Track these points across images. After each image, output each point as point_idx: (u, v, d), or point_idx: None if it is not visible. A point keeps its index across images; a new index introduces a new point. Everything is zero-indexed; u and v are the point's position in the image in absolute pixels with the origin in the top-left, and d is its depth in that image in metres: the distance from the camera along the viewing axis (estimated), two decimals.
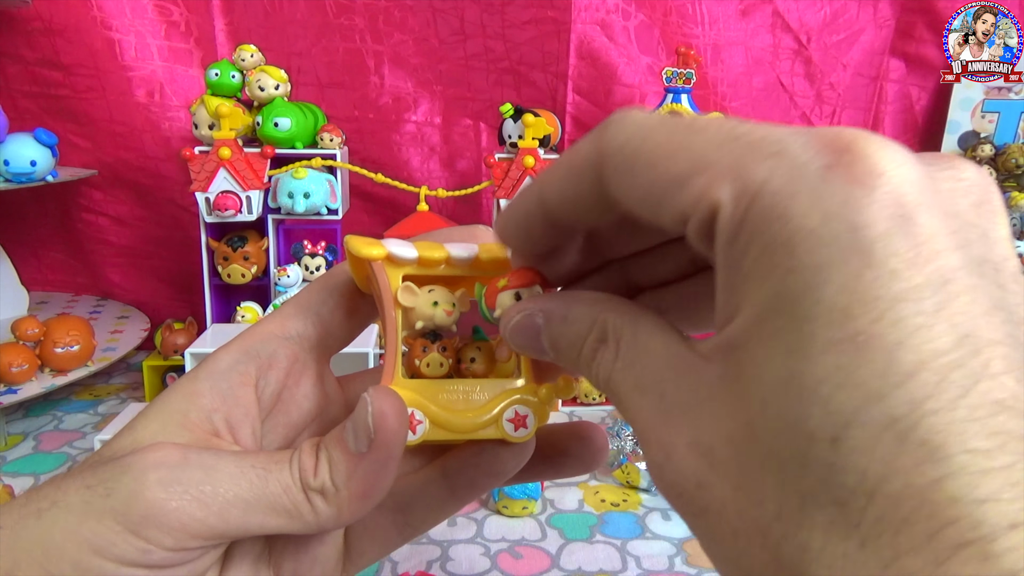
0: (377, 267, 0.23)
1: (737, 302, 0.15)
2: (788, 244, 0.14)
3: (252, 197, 0.73)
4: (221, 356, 0.24)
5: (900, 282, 0.13)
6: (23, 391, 0.67)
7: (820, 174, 0.14)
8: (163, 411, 0.23)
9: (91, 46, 0.87)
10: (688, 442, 0.16)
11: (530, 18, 0.88)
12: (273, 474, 0.22)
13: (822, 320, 0.13)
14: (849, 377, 0.13)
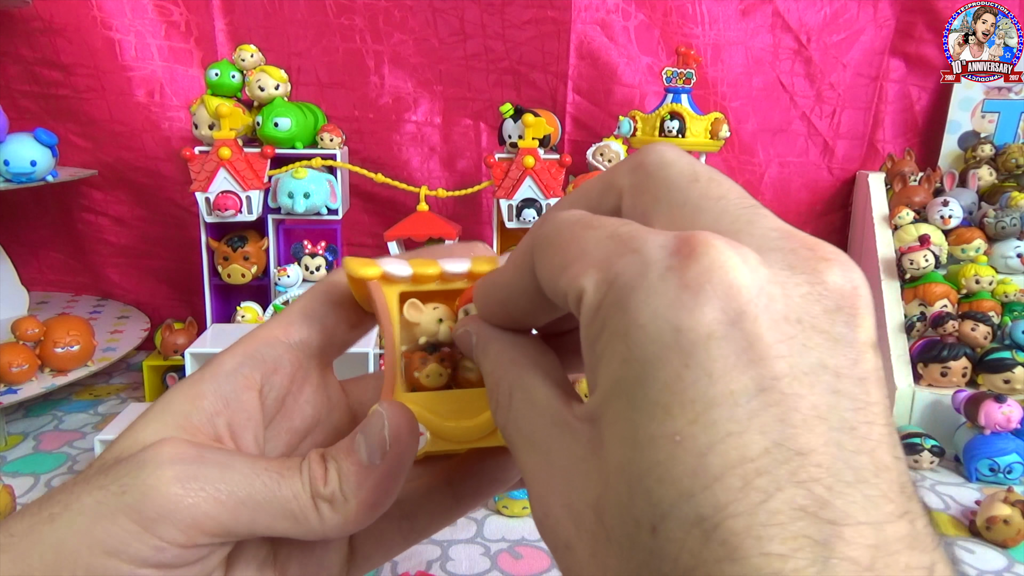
0: (373, 286, 0.24)
1: (593, 379, 0.16)
2: (625, 335, 0.15)
3: (252, 197, 0.73)
4: (225, 359, 0.24)
5: (717, 386, 0.14)
6: (23, 391, 0.67)
7: (661, 273, 0.15)
8: (165, 413, 0.23)
9: (91, 46, 0.87)
10: (563, 503, 0.16)
11: (530, 18, 0.88)
12: (286, 479, 0.22)
13: (647, 414, 0.14)
14: (667, 472, 0.14)
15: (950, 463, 0.69)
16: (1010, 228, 0.81)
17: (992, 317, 0.75)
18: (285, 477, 0.22)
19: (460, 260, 0.25)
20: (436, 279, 0.25)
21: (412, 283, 0.25)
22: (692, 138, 0.76)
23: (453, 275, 0.25)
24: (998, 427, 0.65)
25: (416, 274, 0.24)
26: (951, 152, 0.96)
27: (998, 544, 0.56)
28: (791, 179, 0.96)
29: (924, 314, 0.78)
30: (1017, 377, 0.70)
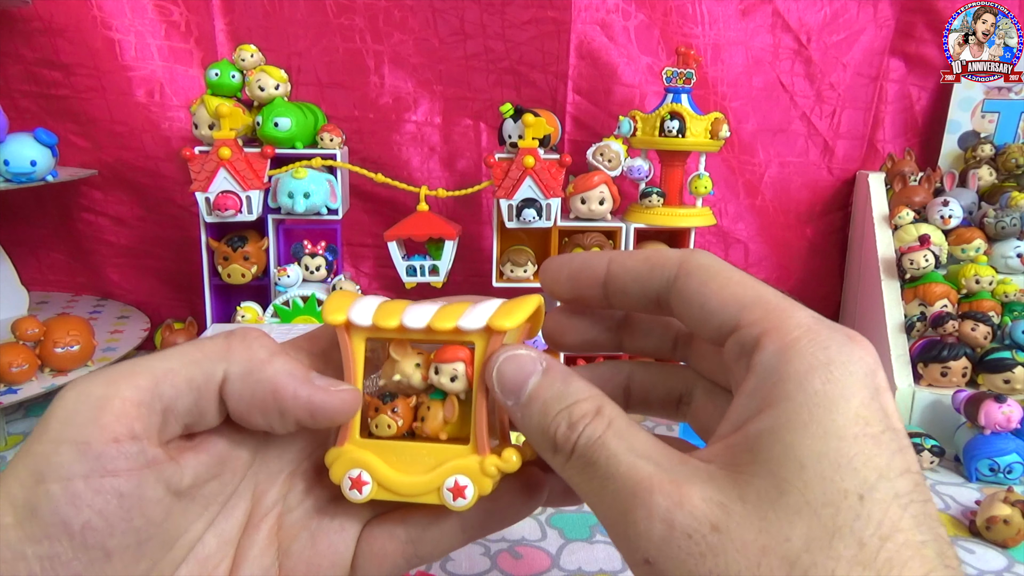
0: (339, 331, 0.26)
1: (765, 403, 0.20)
2: (825, 370, 0.20)
3: (252, 197, 0.73)
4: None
5: (893, 413, 0.20)
6: (23, 391, 0.67)
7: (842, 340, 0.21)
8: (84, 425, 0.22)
9: (91, 46, 0.87)
10: (703, 497, 0.20)
11: (530, 18, 0.88)
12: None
13: (850, 420, 0.19)
14: (870, 459, 0.19)
15: (950, 463, 0.69)
16: (1010, 228, 0.81)
17: (992, 317, 0.75)
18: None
19: (424, 313, 0.25)
20: (395, 330, 0.25)
21: (371, 332, 0.26)
22: (692, 138, 0.76)
23: (412, 329, 0.25)
24: (998, 427, 0.65)
25: (375, 324, 0.25)
26: (951, 152, 0.96)
27: (998, 544, 0.56)
28: (791, 179, 0.96)
29: (924, 314, 0.78)
30: (1017, 377, 0.70)
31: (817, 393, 0.19)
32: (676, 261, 0.24)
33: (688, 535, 0.19)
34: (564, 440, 0.22)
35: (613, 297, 0.26)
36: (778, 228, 0.97)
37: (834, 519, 0.18)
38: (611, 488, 0.21)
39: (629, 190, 0.82)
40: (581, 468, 0.22)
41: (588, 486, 0.22)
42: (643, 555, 0.20)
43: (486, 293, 0.92)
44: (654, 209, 0.77)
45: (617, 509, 0.21)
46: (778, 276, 0.99)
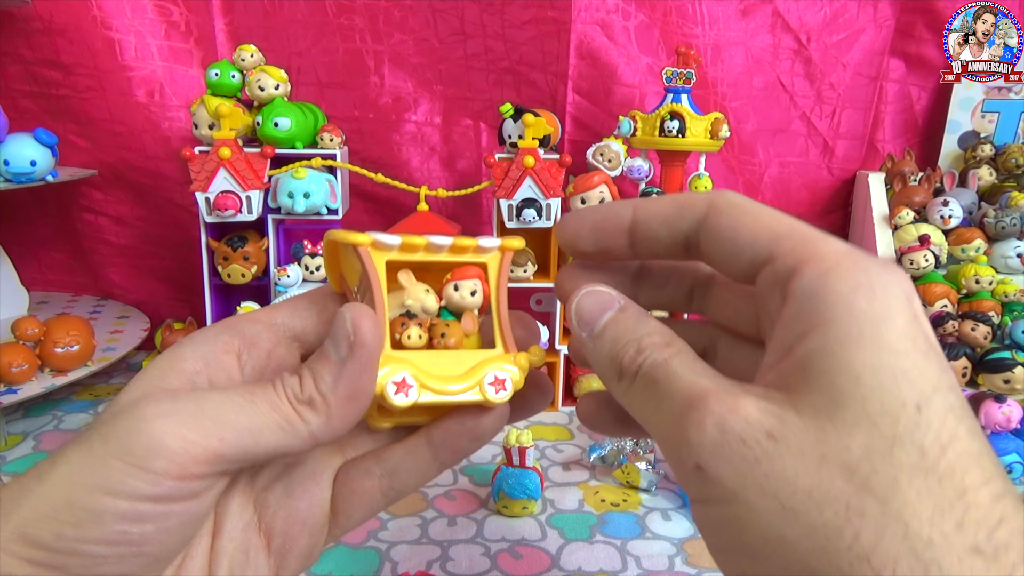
0: (363, 252, 0.26)
1: (810, 325, 0.20)
2: (868, 290, 0.20)
3: (252, 197, 0.73)
4: (205, 330, 0.26)
5: (932, 335, 0.20)
6: (23, 391, 0.67)
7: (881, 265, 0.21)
8: (145, 377, 0.24)
9: (91, 46, 0.87)
10: (757, 407, 0.20)
11: (530, 18, 0.88)
12: (259, 395, 0.23)
13: (899, 336, 0.19)
14: (923, 372, 0.19)
15: None
16: (1010, 228, 0.81)
17: (992, 317, 0.75)
18: (257, 394, 0.23)
19: (444, 236, 0.28)
20: (423, 248, 0.27)
21: (400, 251, 0.27)
22: (692, 138, 0.76)
23: (438, 246, 0.28)
24: (998, 427, 0.65)
25: (404, 243, 0.27)
26: (951, 152, 0.96)
27: None
28: (791, 179, 0.96)
29: None
30: (1017, 377, 0.70)
31: (864, 311, 0.19)
32: (706, 200, 0.24)
33: (742, 440, 0.19)
34: (630, 363, 0.23)
35: (640, 244, 0.26)
36: None
37: (893, 428, 0.18)
38: (668, 403, 0.21)
39: (629, 190, 0.82)
40: (643, 387, 0.23)
41: (647, 403, 0.23)
42: (695, 461, 0.20)
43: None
44: None
45: (672, 420, 0.21)
46: None
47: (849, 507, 0.18)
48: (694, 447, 0.20)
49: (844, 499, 0.18)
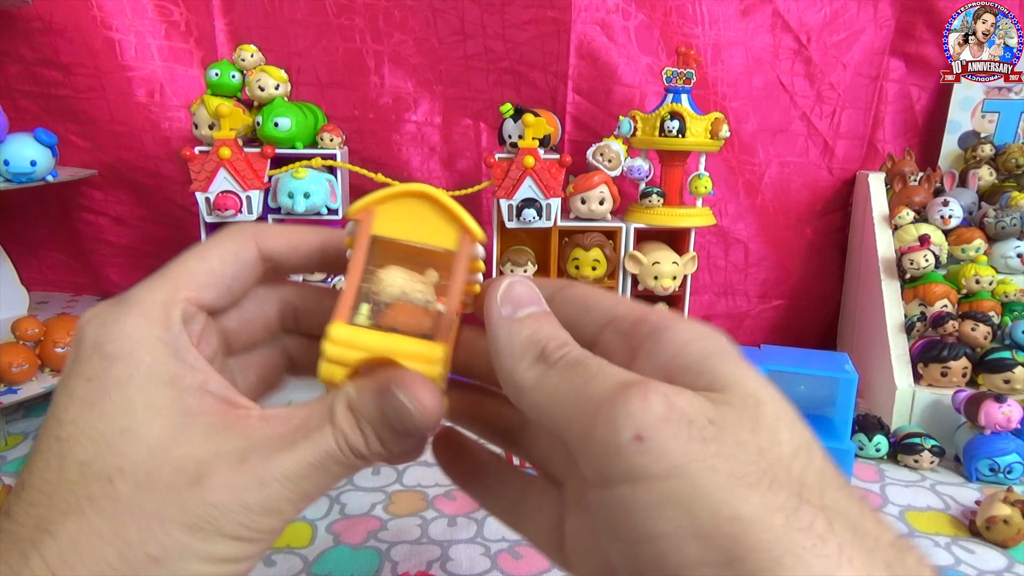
0: (361, 224, 0.27)
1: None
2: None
3: (252, 197, 0.73)
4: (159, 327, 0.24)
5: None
6: (23, 391, 0.67)
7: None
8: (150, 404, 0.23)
9: (91, 46, 0.87)
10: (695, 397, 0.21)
11: (530, 18, 0.88)
12: (314, 442, 0.23)
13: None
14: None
15: (950, 463, 0.69)
16: (1010, 228, 0.81)
17: (992, 317, 0.75)
18: (314, 441, 0.23)
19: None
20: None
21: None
22: (692, 138, 0.76)
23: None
24: (998, 427, 0.65)
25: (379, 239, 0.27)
26: (951, 152, 0.96)
27: (998, 544, 0.56)
28: (791, 179, 0.96)
29: (924, 314, 0.78)
30: (1017, 377, 0.70)
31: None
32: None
33: (689, 420, 0.19)
34: (555, 350, 0.23)
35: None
36: (778, 228, 0.97)
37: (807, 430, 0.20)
38: (600, 382, 0.21)
39: (629, 190, 0.82)
40: (567, 369, 0.22)
41: (570, 384, 0.22)
42: (635, 431, 0.19)
43: None
44: (654, 209, 0.77)
45: (604, 396, 0.20)
46: (778, 276, 0.99)
47: (800, 496, 0.18)
48: (635, 417, 0.19)
49: (793, 488, 0.18)
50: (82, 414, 0.22)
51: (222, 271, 0.26)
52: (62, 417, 0.22)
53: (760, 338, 1.01)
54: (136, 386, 0.22)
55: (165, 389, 0.23)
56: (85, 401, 0.22)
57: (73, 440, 0.22)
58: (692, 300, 0.88)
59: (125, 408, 0.22)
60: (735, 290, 1.00)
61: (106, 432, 0.22)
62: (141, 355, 0.23)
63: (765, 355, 0.58)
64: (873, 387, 0.81)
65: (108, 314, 0.24)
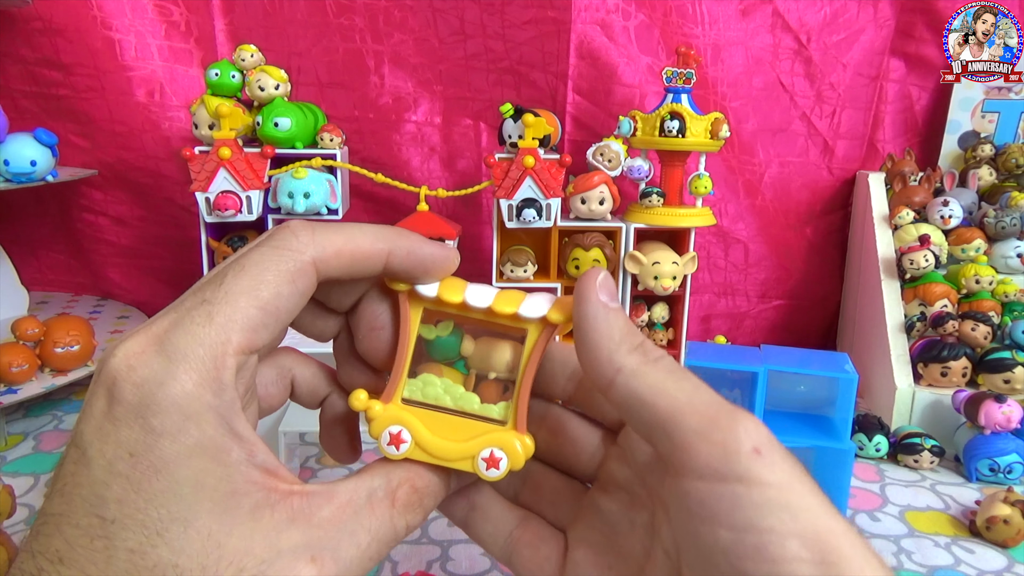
0: (401, 298, 0.27)
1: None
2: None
3: (252, 197, 0.73)
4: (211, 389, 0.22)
5: None
6: (23, 391, 0.67)
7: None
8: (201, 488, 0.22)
9: (91, 46, 0.87)
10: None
11: (530, 18, 0.88)
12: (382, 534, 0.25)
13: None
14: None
15: (950, 463, 0.69)
16: (1010, 228, 0.81)
17: (992, 317, 0.75)
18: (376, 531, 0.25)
19: (486, 294, 0.28)
20: (458, 306, 0.27)
21: (435, 304, 0.28)
22: (692, 138, 0.76)
23: (473, 307, 0.27)
24: (998, 427, 0.65)
25: (441, 297, 0.27)
26: (951, 152, 0.96)
27: (998, 544, 0.56)
28: (791, 179, 0.96)
29: (924, 314, 0.78)
30: (1017, 377, 0.70)
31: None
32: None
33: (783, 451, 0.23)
34: (653, 348, 0.25)
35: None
36: (778, 228, 0.97)
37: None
38: (707, 393, 0.24)
39: (629, 190, 0.82)
40: (669, 371, 0.24)
41: (674, 385, 0.24)
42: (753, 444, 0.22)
43: None
44: (654, 209, 0.77)
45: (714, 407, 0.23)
46: (778, 276, 0.99)
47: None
48: (752, 434, 0.22)
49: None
50: (127, 496, 0.21)
51: (276, 306, 0.24)
52: (104, 494, 0.21)
53: (760, 338, 1.01)
54: (184, 464, 0.21)
55: (213, 466, 0.21)
56: (130, 481, 0.21)
57: (119, 524, 0.21)
58: (692, 300, 0.88)
59: (173, 492, 0.21)
60: (735, 290, 1.00)
61: (155, 519, 0.21)
62: (190, 429, 0.21)
63: (765, 355, 0.58)
64: (873, 387, 0.81)
65: (148, 368, 0.21)
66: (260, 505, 0.22)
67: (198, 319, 0.22)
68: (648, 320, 0.82)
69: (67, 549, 0.21)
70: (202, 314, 0.22)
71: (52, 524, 0.21)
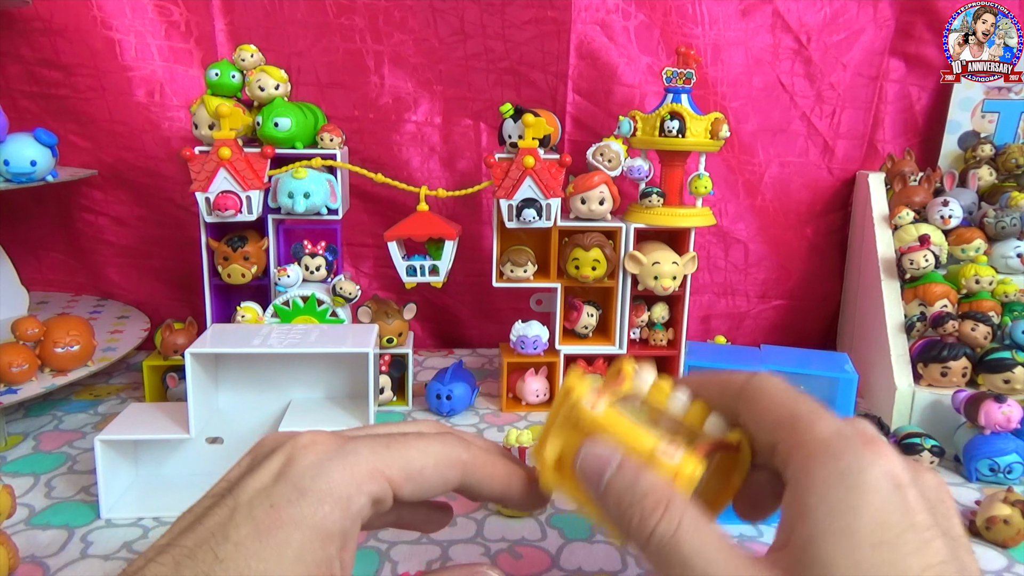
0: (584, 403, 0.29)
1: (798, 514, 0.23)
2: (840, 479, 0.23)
3: (252, 197, 0.73)
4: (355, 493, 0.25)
5: (915, 506, 0.23)
6: (23, 391, 0.67)
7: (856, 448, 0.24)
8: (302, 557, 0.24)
9: (91, 46, 0.87)
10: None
11: (530, 18, 0.88)
12: None
13: (871, 526, 0.22)
14: (893, 565, 0.21)
15: (950, 463, 0.69)
16: (1010, 228, 0.81)
17: (992, 317, 0.75)
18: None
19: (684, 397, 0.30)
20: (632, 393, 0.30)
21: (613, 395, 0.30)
22: (692, 138, 0.76)
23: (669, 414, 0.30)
24: (998, 427, 0.65)
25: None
26: (951, 152, 0.96)
27: (998, 544, 0.56)
28: (791, 179, 0.96)
29: (924, 314, 0.78)
30: (1017, 377, 0.70)
31: (839, 502, 0.22)
32: (740, 385, 0.29)
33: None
34: (639, 531, 0.25)
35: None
36: (778, 228, 0.97)
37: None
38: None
39: (629, 190, 0.82)
40: (657, 558, 0.25)
41: (665, 569, 0.25)
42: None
43: (486, 293, 0.92)
44: (654, 209, 0.77)
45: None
46: (778, 276, 0.99)
47: None
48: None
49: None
50: (245, 542, 0.23)
51: (431, 476, 0.27)
52: (231, 534, 0.23)
53: (760, 338, 1.01)
54: (298, 531, 0.24)
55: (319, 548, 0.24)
56: (259, 529, 0.23)
57: (229, 562, 0.23)
58: (692, 300, 0.88)
59: (280, 551, 0.23)
60: (735, 290, 1.00)
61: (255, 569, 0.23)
62: (326, 509, 0.24)
63: (765, 355, 0.58)
64: (873, 387, 0.81)
65: (326, 450, 0.25)
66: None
67: (377, 442, 0.26)
68: (648, 320, 0.82)
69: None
70: (380, 440, 0.27)
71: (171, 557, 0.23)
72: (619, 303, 0.79)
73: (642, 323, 0.81)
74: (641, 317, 0.81)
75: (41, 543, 0.53)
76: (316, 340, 0.60)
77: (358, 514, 0.25)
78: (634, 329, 0.81)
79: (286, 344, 0.58)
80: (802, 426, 0.25)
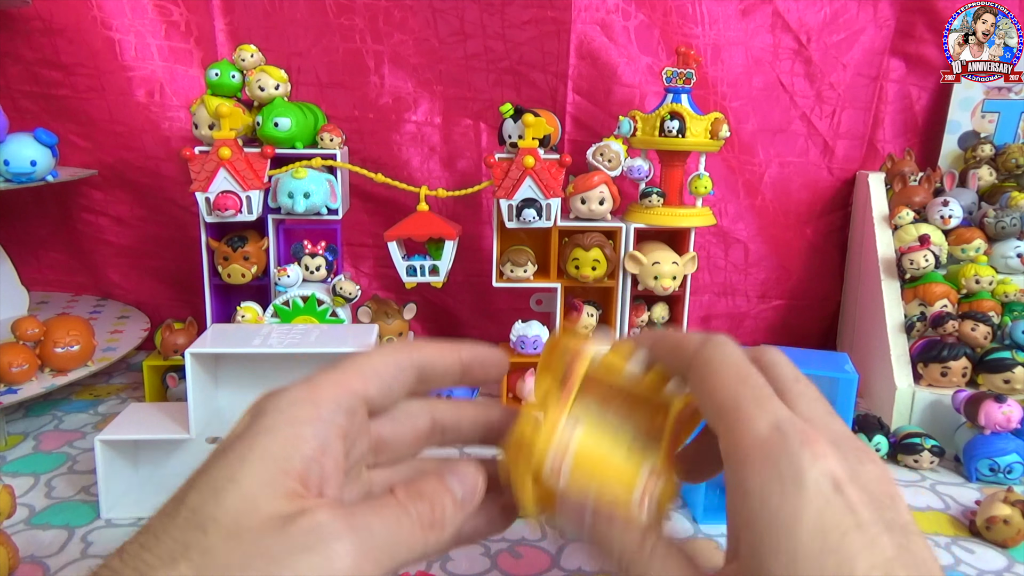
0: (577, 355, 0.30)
1: (742, 522, 0.23)
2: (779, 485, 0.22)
3: (252, 197, 0.73)
4: (321, 405, 0.25)
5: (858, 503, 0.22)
6: (23, 391, 0.67)
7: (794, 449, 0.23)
8: (266, 457, 0.23)
9: (91, 46, 0.87)
10: None
11: (530, 18, 0.88)
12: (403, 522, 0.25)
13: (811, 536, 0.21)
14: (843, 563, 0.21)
15: (950, 463, 0.69)
16: (1010, 228, 0.81)
17: (992, 317, 0.75)
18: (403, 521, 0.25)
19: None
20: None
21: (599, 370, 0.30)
22: (692, 138, 0.76)
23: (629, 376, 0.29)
24: (998, 427, 0.65)
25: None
26: (951, 152, 0.96)
27: (998, 544, 0.56)
28: (791, 179, 0.96)
29: (924, 314, 0.78)
30: (1017, 377, 0.70)
31: (779, 510, 0.22)
32: (692, 351, 0.27)
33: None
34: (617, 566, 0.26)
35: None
36: (778, 228, 0.97)
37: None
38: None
39: (629, 190, 0.82)
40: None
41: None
42: None
43: (486, 293, 0.92)
44: (654, 209, 0.77)
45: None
46: (778, 276, 0.99)
47: None
48: None
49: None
50: (212, 461, 0.23)
51: (384, 370, 0.28)
52: (202, 467, 0.23)
53: (760, 338, 1.01)
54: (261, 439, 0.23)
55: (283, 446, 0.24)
56: (219, 451, 0.23)
57: (191, 484, 0.22)
58: (692, 300, 0.88)
59: (242, 456, 0.23)
60: (735, 290, 1.00)
61: (218, 479, 0.22)
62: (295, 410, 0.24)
63: None
64: (873, 387, 0.81)
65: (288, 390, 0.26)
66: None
67: (326, 369, 0.27)
68: (648, 320, 0.82)
69: (153, 516, 0.22)
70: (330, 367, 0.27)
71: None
72: (619, 303, 0.79)
73: (642, 323, 0.81)
74: (641, 317, 0.81)
75: (41, 543, 0.53)
76: (316, 340, 0.60)
77: (331, 421, 0.25)
78: (634, 329, 0.81)
79: (286, 344, 0.58)
80: (742, 422, 0.24)
